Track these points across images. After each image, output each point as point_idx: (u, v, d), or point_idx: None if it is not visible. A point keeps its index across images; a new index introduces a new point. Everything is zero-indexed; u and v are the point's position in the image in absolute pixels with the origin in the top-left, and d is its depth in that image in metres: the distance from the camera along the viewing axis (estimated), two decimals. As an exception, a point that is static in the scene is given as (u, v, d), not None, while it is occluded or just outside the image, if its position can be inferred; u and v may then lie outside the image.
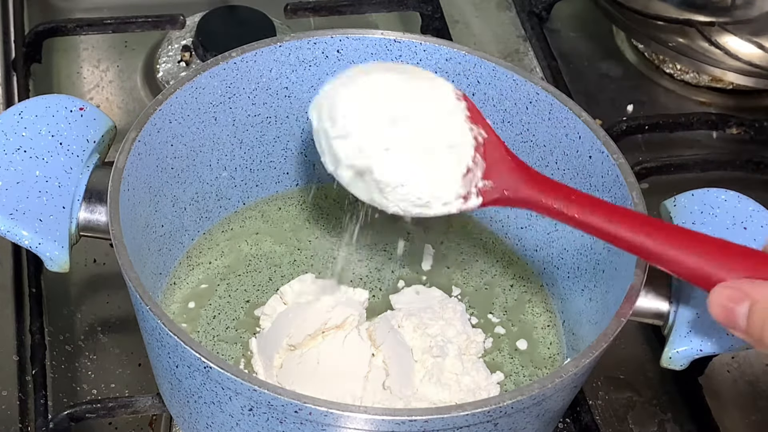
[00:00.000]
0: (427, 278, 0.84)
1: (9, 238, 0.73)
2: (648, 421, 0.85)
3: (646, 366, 0.88)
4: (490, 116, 0.82)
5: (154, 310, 0.66)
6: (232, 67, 0.79)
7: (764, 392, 0.87)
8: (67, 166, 0.75)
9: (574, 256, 0.80)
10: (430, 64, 0.82)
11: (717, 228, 0.75)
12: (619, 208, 0.66)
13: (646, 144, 1.04)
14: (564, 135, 0.79)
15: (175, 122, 0.78)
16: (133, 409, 0.79)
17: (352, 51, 0.82)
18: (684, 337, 0.72)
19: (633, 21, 1.11)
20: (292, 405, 0.63)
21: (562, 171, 0.80)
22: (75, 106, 0.78)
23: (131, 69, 1.06)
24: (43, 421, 0.78)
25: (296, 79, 0.82)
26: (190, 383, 0.68)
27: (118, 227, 0.70)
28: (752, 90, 1.10)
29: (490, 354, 0.79)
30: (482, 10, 1.16)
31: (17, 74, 1.01)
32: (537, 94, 0.79)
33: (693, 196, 0.77)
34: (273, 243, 0.84)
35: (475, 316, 0.82)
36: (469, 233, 0.86)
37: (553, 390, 0.66)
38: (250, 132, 0.83)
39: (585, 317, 0.78)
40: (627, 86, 1.11)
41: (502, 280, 0.84)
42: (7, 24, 1.05)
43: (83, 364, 0.84)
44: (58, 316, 0.86)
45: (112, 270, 0.84)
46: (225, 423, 0.69)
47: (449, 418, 0.63)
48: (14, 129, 0.76)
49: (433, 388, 0.75)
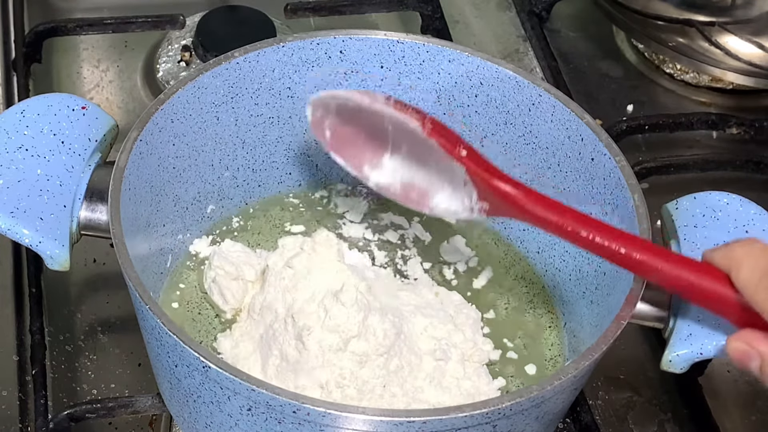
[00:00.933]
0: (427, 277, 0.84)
1: (10, 236, 0.73)
2: (648, 421, 0.85)
3: (646, 366, 0.88)
4: (493, 118, 0.82)
5: (154, 310, 0.66)
6: (235, 67, 0.79)
7: (764, 392, 0.87)
8: (68, 165, 0.75)
9: (576, 258, 0.80)
10: (432, 65, 0.82)
11: (718, 231, 0.75)
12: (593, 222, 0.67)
13: (646, 144, 1.04)
14: (566, 137, 0.79)
15: (177, 122, 0.78)
16: (133, 409, 0.79)
17: (355, 52, 0.82)
18: (684, 341, 0.72)
19: (633, 21, 1.11)
20: (290, 405, 0.63)
21: (565, 173, 0.80)
22: (77, 104, 0.78)
23: (131, 69, 1.06)
24: (43, 421, 0.78)
25: (299, 80, 0.82)
26: (189, 383, 0.68)
27: (118, 226, 0.70)
28: (752, 90, 1.10)
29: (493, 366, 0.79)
30: (482, 10, 1.16)
31: (17, 74, 1.01)
32: (540, 96, 0.80)
33: (695, 199, 0.78)
34: (275, 243, 0.84)
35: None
36: (471, 234, 0.86)
37: (552, 392, 0.66)
38: (253, 132, 0.83)
39: (586, 319, 0.78)
40: (627, 86, 1.11)
41: (504, 280, 0.84)
42: (7, 24, 1.05)
43: (83, 364, 0.84)
44: (58, 316, 0.86)
45: (112, 270, 0.83)
46: (224, 423, 0.69)
47: (447, 419, 0.63)
48: (16, 127, 0.76)
49: (434, 390, 0.75)
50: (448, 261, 0.85)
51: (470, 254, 0.85)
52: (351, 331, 0.73)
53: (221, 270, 0.79)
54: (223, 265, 0.79)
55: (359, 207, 0.87)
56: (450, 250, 0.85)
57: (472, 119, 0.83)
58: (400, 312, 0.77)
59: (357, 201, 0.87)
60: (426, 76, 0.83)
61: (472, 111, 0.83)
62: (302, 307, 0.74)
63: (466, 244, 0.86)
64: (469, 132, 0.84)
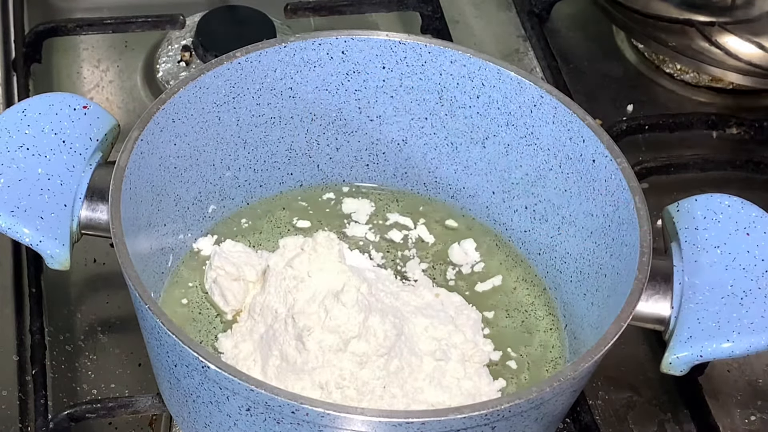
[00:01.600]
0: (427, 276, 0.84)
1: (10, 235, 0.73)
2: (648, 421, 0.85)
3: (646, 366, 0.88)
4: (495, 119, 0.82)
5: (153, 309, 0.66)
6: (236, 68, 0.79)
7: (764, 392, 0.87)
8: (69, 164, 0.75)
9: (577, 260, 0.80)
10: (434, 66, 0.82)
11: (719, 234, 0.76)
12: None
13: (646, 144, 1.04)
14: (568, 138, 0.79)
15: (179, 121, 0.78)
16: (133, 409, 0.79)
17: (357, 52, 0.82)
18: (684, 343, 0.72)
19: (633, 21, 1.11)
20: (289, 405, 0.63)
21: (566, 174, 0.80)
22: (78, 104, 0.78)
23: (131, 69, 1.06)
24: (43, 421, 0.78)
25: (300, 80, 0.82)
26: (188, 383, 0.68)
27: (119, 226, 0.70)
28: (752, 90, 1.10)
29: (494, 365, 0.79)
30: (482, 10, 1.16)
31: (17, 74, 1.01)
32: (541, 97, 0.80)
33: (696, 201, 0.77)
34: (276, 243, 0.84)
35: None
36: (472, 235, 0.86)
37: (551, 394, 0.66)
38: (254, 132, 0.83)
39: (587, 321, 0.78)
40: (627, 86, 1.11)
41: (506, 282, 0.84)
42: (7, 24, 1.05)
43: (83, 364, 0.84)
44: (58, 316, 0.86)
45: (112, 270, 0.83)
46: (223, 422, 0.69)
47: (446, 420, 0.63)
48: (17, 126, 0.76)
49: (434, 390, 0.75)
50: (455, 263, 0.85)
51: (477, 258, 0.85)
52: (351, 331, 0.73)
53: (222, 270, 0.79)
54: (223, 265, 0.79)
55: (364, 207, 0.87)
56: (459, 252, 0.85)
57: (474, 120, 0.83)
58: (401, 313, 0.77)
59: (362, 202, 0.87)
60: (428, 77, 0.83)
61: (474, 112, 0.83)
62: (303, 307, 0.74)
63: (475, 249, 0.86)
64: (470, 133, 0.84)
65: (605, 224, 0.77)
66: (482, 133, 0.83)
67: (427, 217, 0.87)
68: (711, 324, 0.71)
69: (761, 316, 0.72)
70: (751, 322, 0.72)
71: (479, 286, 0.84)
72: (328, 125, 0.85)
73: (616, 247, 0.76)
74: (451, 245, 0.85)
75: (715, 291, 0.73)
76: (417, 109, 0.85)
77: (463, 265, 0.85)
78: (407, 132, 0.86)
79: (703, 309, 0.72)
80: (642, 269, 0.70)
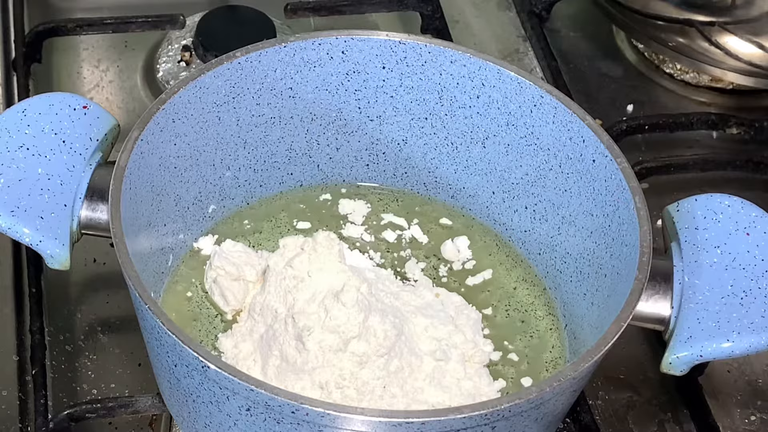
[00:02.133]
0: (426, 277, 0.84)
1: (10, 235, 0.73)
2: (648, 421, 0.85)
3: (646, 366, 0.88)
4: (495, 119, 0.82)
5: (153, 309, 0.66)
6: (237, 67, 0.79)
7: (764, 392, 0.88)
8: (69, 164, 0.75)
9: (577, 260, 0.80)
10: (434, 66, 0.82)
11: (719, 234, 0.76)
12: None
13: (646, 144, 1.04)
14: (568, 138, 0.79)
15: (179, 121, 0.78)
16: (133, 409, 0.79)
17: (357, 52, 0.82)
18: (684, 343, 0.72)
19: (633, 21, 1.11)
20: (289, 405, 0.63)
21: (566, 174, 0.80)
22: (79, 104, 0.78)
23: (131, 69, 1.06)
24: (43, 421, 0.78)
25: (300, 80, 0.82)
26: (188, 383, 0.68)
27: (119, 226, 0.70)
28: (752, 90, 1.10)
29: (494, 366, 0.79)
30: (482, 10, 1.16)
31: (17, 74, 1.01)
32: (542, 97, 0.80)
33: (696, 201, 0.77)
34: (276, 243, 0.84)
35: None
36: (472, 235, 0.86)
37: (551, 394, 0.66)
38: (254, 132, 0.83)
39: (587, 321, 0.78)
40: (627, 86, 1.11)
41: (506, 282, 0.84)
42: (7, 24, 1.05)
43: (83, 364, 0.84)
44: (58, 316, 0.86)
45: (112, 270, 0.83)
46: (223, 422, 0.69)
47: (446, 420, 0.63)
48: (17, 126, 0.76)
49: (434, 390, 0.75)
50: (447, 259, 0.85)
51: (469, 256, 0.85)
52: (351, 331, 0.73)
53: (222, 270, 0.79)
54: (223, 265, 0.79)
55: (361, 208, 0.87)
56: (451, 249, 0.85)
57: (474, 120, 0.83)
58: (401, 313, 0.77)
59: (358, 203, 0.87)
60: (428, 77, 0.83)
61: (474, 112, 0.83)
62: (303, 307, 0.74)
63: (468, 247, 0.86)
64: (470, 133, 0.84)
65: (605, 224, 0.77)
66: (482, 133, 0.83)
67: (424, 216, 0.87)
68: (711, 324, 0.71)
69: (761, 316, 0.72)
70: (751, 322, 0.72)
71: (470, 280, 0.84)
72: (328, 125, 0.85)
73: (616, 247, 0.76)
74: (444, 242, 0.85)
75: (715, 291, 0.73)
76: (417, 109, 0.85)
77: (455, 262, 0.85)
78: (407, 132, 0.86)
79: (703, 309, 0.72)
80: (642, 269, 0.70)
